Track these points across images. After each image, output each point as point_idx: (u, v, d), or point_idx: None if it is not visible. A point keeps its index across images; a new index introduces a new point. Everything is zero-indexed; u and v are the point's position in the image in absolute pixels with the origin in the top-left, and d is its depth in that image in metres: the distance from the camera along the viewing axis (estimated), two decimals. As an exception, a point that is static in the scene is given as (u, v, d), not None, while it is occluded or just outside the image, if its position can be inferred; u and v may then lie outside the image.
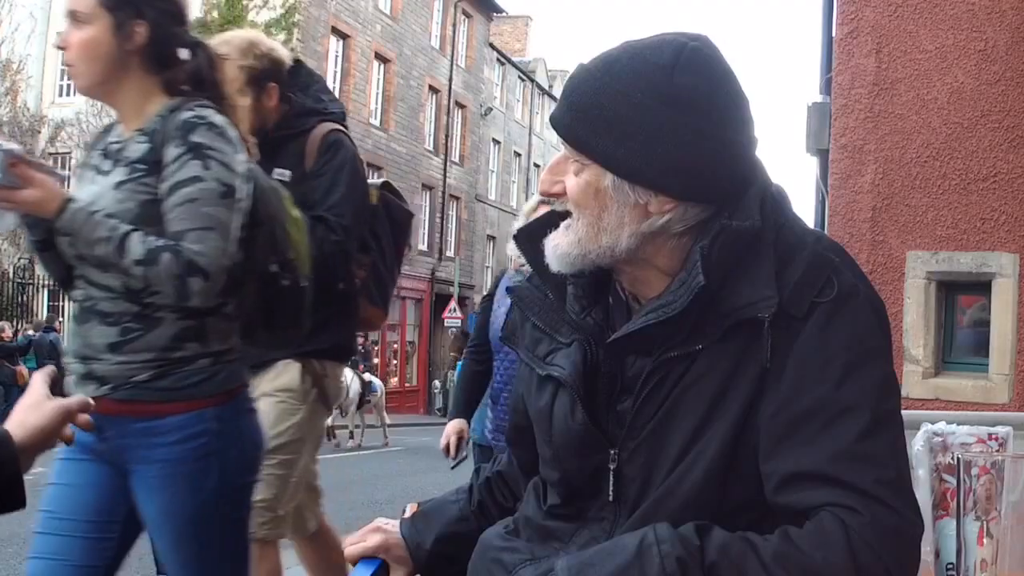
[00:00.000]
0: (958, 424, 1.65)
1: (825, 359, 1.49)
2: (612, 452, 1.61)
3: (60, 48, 2.66)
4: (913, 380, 7.06)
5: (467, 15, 39.97)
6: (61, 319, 24.15)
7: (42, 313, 25.46)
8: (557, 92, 51.66)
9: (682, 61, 1.55)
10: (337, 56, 31.80)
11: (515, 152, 46.54)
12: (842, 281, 1.53)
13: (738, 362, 1.53)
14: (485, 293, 7.14)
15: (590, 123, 1.58)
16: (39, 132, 29.54)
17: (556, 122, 1.64)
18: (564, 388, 1.66)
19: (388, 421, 22.56)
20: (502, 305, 4.86)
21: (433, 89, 37.84)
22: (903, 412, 1.56)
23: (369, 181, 4.09)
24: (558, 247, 1.63)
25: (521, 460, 1.93)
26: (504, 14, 45.97)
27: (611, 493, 1.62)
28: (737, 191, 1.57)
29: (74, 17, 2.62)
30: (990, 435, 1.56)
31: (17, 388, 20.68)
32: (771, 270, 1.52)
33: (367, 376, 21.33)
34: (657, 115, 1.53)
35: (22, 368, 20.84)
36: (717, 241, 1.53)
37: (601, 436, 1.62)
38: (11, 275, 26.50)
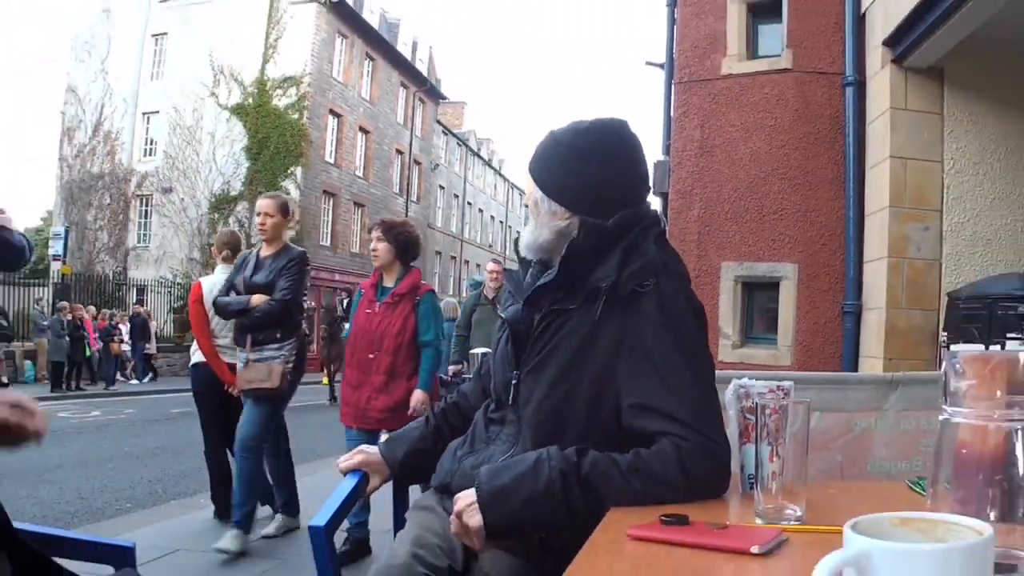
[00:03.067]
0: (756, 379, 1.66)
1: (661, 336, 1.54)
2: (515, 372, 1.70)
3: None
4: (725, 350, 7.17)
5: (422, 101, 39.67)
6: (147, 308, 24.42)
7: (130, 306, 24.67)
8: (484, 154, 51.69)
9: (590, 127, 1.71)
10: (333, 129, 31.42)
11: (454, 195, 46.18)
12: (664, 285, 1.60)
13: (597, 326, 1.59)
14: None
15: (537, 161, 1.75)
16: (129, 180, 30.45)
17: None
18: (506, 325, 1.79)
19: None
20: None
21: (399, 151, 37.47)
22: (719, 372, 1.58)
23: None
24: (522, 238, 1.80)
25: (486, 382, 1.96)
26: (447, 100, 45.75)
27: (510, 399, 1.71)
28: (612, 212, 1.66)
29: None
30: (778, 387, 1.56)
31: (116, 360, 20.07)
32: (616, 261, 1.61)
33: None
34: (565, 157, 1.70)
35: (116, 344, 20.10)
36: (581, 232, 1.66)
37: (514, 358, 1.72)
38: (111, 277, 27.98)
